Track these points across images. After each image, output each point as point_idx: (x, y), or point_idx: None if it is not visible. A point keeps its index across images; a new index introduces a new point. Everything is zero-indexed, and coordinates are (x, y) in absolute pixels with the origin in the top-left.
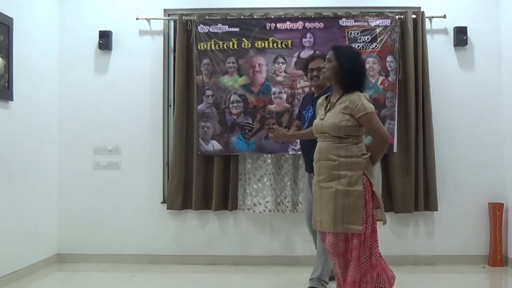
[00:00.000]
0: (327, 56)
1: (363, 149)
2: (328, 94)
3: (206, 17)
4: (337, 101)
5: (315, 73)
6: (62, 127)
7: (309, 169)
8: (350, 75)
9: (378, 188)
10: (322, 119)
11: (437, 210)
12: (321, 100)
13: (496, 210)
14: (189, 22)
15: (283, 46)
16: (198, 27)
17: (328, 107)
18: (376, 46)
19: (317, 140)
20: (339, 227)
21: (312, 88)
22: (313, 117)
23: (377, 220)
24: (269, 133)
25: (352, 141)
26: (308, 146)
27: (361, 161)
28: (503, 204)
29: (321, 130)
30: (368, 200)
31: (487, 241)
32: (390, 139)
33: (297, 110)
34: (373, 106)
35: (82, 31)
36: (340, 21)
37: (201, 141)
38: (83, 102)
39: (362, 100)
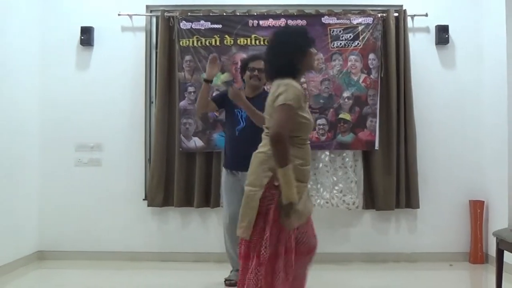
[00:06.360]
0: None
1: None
2: None
3: (189, 14)
4: None
5: (256, 72)
6: (43, 124)
7: (235, 166)
8: (275, 59)
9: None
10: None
11: (418, 207)
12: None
13: (476, 207)
14: (171, 19)
15: (266, 43)
16: (181, 24)
17: None
18: (358, 44)
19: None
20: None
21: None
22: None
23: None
24: (230, 89)
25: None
26: (249, 138)
27: (267, 158)
28: (483, 201)
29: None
30: (275, 207)
31: (468, 239)
32: (279, 137)
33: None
34: (291, 97)
35: (64, 27)
36: (322, 18)
37: (182, 137)
38: (65, 99)
39: (280, 89)
